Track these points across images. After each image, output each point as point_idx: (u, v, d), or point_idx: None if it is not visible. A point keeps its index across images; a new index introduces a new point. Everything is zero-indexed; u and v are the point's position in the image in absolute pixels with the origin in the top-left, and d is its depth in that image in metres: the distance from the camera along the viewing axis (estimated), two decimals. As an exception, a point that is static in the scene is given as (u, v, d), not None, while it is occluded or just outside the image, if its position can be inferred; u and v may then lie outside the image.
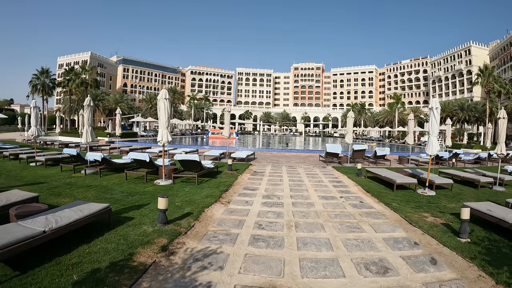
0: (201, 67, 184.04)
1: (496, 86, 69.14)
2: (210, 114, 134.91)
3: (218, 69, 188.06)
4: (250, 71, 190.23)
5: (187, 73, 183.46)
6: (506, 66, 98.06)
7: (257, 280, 5.50)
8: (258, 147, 41.50)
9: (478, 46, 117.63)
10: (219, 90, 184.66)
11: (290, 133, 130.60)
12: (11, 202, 7.93)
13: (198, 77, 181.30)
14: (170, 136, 13.78)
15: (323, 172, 19.11)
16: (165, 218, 8.00)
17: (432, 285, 5.47)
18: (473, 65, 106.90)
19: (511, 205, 10.18)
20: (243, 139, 71.14)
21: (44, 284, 4.86)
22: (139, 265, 5.76)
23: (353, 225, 8.87)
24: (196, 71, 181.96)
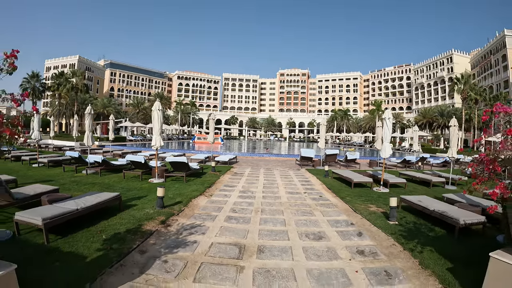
0: (188, 72, 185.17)
1: (471, 93, 72.50)
2: (197, 119, 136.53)
3: (205, 74, 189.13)
4: (236, 77, 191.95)
5: (174, 78, 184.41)
6: (487, 73, 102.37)
7: (228, 240, 8.08)
8: (241, 152, 43.93)
9: (460, 54, 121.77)
10: (206, 95, 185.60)
11: (275, 139, 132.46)
12: (40, 192, 10.23)
13: (185, 82, 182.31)
14: (162, 141, 16.28)
15: (295, 174, 21.69)
16: (162, 203, 10.55)
17: (351, 247, 7.92)
18: (455, 73, 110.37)
19: (446, 199, 12.34)
20: (228, 144, 73.61)
21: (83, 241, 7.24)
22: (146, 231, 8.30)
23: (307, 211, 11.42)
24: (183, 76, 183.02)
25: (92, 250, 6.77)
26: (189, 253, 7.05)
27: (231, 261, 6.75)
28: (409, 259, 7.08)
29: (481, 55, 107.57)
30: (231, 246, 7.68)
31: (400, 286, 5.87)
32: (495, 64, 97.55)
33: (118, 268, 6.07)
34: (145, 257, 6.67)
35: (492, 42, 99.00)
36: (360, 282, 6.02)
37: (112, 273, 5.85)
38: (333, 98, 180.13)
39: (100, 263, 6.17)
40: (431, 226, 9.65)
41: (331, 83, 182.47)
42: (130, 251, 6.90)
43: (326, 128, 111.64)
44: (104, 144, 42.03)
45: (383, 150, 16.01)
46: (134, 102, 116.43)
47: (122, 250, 6.87)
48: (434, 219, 9.98)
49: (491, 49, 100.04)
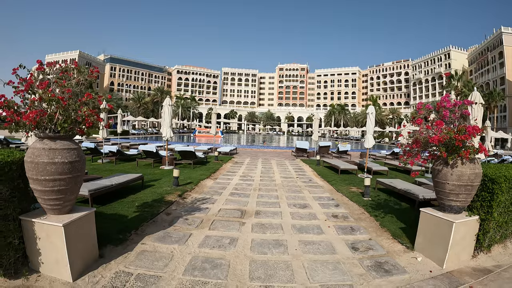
0: (188, 66, 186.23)
1: (465, 90, 74.25)
2: (196, 113, 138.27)
3: (204, 68, 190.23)
4: (235, 71, 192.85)
5: (173, 72, 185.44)
6: (483, 70, 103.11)
7: (232, 207, 10.38)
8: (241, 144, 46.08)
9: (457, 50, 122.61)
10: (205, 89, 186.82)
11: (273, 133, 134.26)
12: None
13: (185, 77, 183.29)
14: (172, 133, 18.47)
15: (290, 163, 23.98)
16: (177, 182, 12.82)
17: (328, 213, 10.13)
18: (452, 69, 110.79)
19: (417, 182, 14.26)
20: (228, 137, 75.77)
21: (119, 208, 9.37)
22: (168, 201, 10.55)
23: (297, 190, 13.68)
24: (182, 70, 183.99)
25: (130, 212, 8.96)
26: (203, 214, 9.33)
27: (235, 219, 9.02)
28: (372, 222, 9.23)
29: (478, 51, 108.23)
30: (235, 210, 9.98)
31: (359, 236, 8.03)
32: (491, 61, 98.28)
33: (152, 223, 8.29)
34: (170, 217, 8.92)
35: (489, 39, 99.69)
36: (330, 231, 8.26)
37: (149, 225, 8.05)
38: (331, 92, 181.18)
39: (139, 219, 8.36)
40: (399, 202, 11.63)
41: (330, 78, 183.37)
42: (159, 213, 9.15)
43: (324, 123, 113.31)
44: (110, 137, 43.87)
45: (366, 141, 18.04)
46: (135, 96, 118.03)
47: (152, 212, 9.09)
48: (402, 197, 12.01)
49: (488, 46, 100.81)
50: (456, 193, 6.09)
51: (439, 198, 6.54)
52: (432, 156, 6.38)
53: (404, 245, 7.28)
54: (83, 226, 5.67)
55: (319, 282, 5.50)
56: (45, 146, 4.99)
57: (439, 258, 6.32)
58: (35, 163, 4.93)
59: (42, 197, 5.17)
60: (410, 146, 6.55)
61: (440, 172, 6.20)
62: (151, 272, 5.64)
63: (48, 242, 5.21)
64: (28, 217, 5.27)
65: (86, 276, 5.36)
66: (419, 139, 6.34)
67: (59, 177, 5.01)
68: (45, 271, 5.30)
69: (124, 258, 6.13)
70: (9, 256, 5.07)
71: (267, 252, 6.75)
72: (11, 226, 5.09)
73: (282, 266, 6.05)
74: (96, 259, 5.97)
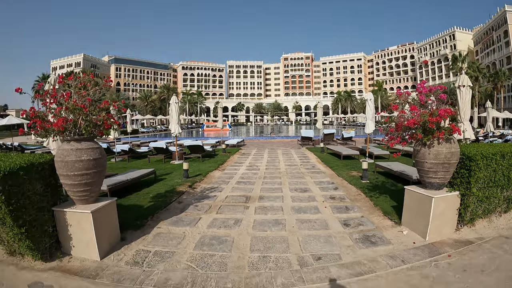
0: (192, 62, 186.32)
1: (470, 71, 73.67)
2: (204, 108, 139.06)
3: (209, 63, 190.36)
4: (240, 64, 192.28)
5: (178, 69, 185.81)
6: (489, 50, 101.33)
7: (238, 194, 11.38)
8: (248, 136, 47.03)
9: (462, 31, 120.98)
10: (211, 83, 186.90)
11: (281, 123, 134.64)
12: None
13: (190, 72, 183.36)
14: (180, 129, 19.47)
15: (296, 152, 24.91)
16: (187, 175, 13.81)
17: (326, 195, 11.02)
18: (458, 50, 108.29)
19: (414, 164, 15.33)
20: (236, 130, 76.79)
21: (135, 199, 10.35)
22: (179, 191, 11.56)
23: (300, 176, 14.60)
24: (187, 66, 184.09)
25: (145, 202, 9.97)
26: (211, 201, 10.34)
27: (240, 204, 10.02)
28: (367, 202, 10.07)
29: (483, 31, 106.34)
30: (240, 196, 10.97)
31: (352, 214, 8.92)
32: (497, 40, 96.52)
33: (166, 210, 9.31)
34: (182, 204, 9.94)
35: (494, 18, 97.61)
36: (326, 211, 9.17)
37: (163, 213, 9.06)
38: (337, 80, 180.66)
39: (153, 208, 9.36)
40: (395, 183, 12.31)
41: (335, 65, 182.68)
42: (171, 201, 10.16)
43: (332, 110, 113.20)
44: (120, 137, 44.73)
45: (366, 127, 18.72)
46: (142, 95, 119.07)
47: (165, 201, 10.10)
48: (399, 179, 12.67)
49: (493, 25, 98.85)
50: (434, 171, 6.79)
51: (420, 176, 7.28)
52: (411, 138, 7.07)
53: (393, 221, 8.06)
54: (107, 213, 6.70)
55: (310, 252, 6.40)
56: (73, 147, 5.98)
57: (422, 231, 7.03)
58: (65, 162, 5.92)
59: (72, 190, 6.18)
60: (392, 129, 7.38)
61: (419, 152, 6.92)
62: (166, 249, 6.65)
63: (79, 227, 6.22)
64: (59, 208, 6.31)
65: (111, 255, 6.37)
66: (398, 122, 7.16)
67: (86, 172, 6.01)
68: (76, 253, 6.32)
69: (143, 240, 7.14)
70: (45, 242, 6.11)
71: (267, 230, 7.70)
72: (46, 216, 6.13)
73: (279, 240, 6.99)
74: (118, 241, 6.99)
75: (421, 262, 5.86)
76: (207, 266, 5.90)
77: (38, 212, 5.95)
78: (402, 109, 7.27)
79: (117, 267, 5.94)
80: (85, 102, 6.17)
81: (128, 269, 5.85)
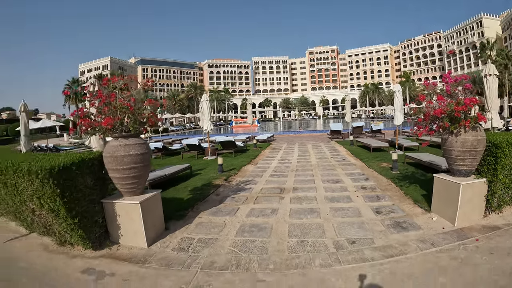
0: (218, 60, 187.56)
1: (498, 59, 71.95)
2: (231, 105, 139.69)
3: (234, 60, 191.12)
4: (266, 60, 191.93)
5: (204, 67, 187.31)
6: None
7: (272, 186, 11.76)
8: (277, 131, 47.35)
9: (489, 17, 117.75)
10: (237, 80, 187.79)
11: (309, 117, 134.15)
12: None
13: (216, 70, 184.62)
14: (212, 126, 19.99)
15: (325, 145, 25.13)
16: (222, 169, 14.28)
17: (358, 186, 11.27)
18: (485, 37, 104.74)
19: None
20: (264, 125, 77.19)
21: (175, 193, 10.83)
22: (215, 184, 12.03)
23: (331, 168, 14.85)
24: (213, 64, 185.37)
25: (184, 195, 10.46)
26: (247, 193, 10.75)
27: (275, 195, 10.39)
28: (398, 191, 10.25)
29: (510, 17, 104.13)
30: (275, 188, 11.33)
31: (384, 202, 9.15)
32: None
33: (204, 202, 9.77)
34: (219, 196, 10.38)
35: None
36: (358, 200, 9.45)
37: (202, 204, 9.53)
38: (364, 72, 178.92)
39: (193, 200, 9.85)
40: (425, 173, 12.34)
41: (361, 57, 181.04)
42: (209, 194, 10.64)
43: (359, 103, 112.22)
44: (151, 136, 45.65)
45: (395, 118, 18.79)
46: (169, 94, 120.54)
47: (203, 194, 10.58)
48: (429, 169, 12.66)
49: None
50: (461, 158, 6.95)
51: (449, 164, 7.46)
52: (438, 127, 7.26)
53: (423, 208, 8.26)
54: (153, 203, 7.18)
55: (345, 236, 6.72)
56: (121, 143, 6.45)
57: (451, 217, 7.21)
58: (114, 157, 6.39)
59: (121, 183, 6.66)
60: (420, 119, 7.63)
61: (447, 140, 7.08)
62: (209, 236, 7.08)
63: (127, 217, 6.72)
64: (108, 200, 6.82)
65: (157, 243, 6.84)
66: (426, 112, 7.40)
67: (134, 166, 6.48)
68: (124, 241, 6.83)
69: (186, 229, 7.59)
70: (95, 232, 6.64)
71: (303, 218, 8.05)
72: (96, 208, 6.65)
73: (315, 227, 7.33)
74: (163, 230, 7.46)
75: (449, 245, 6.07)
76: (249, 250, 6.28)
77: (89, 204, 6.47)
78: (430, 99, 7.46)
79: (164, 253, 6.38)
80: (130, 101, 6.64)
81: (175, 254, 6.29)
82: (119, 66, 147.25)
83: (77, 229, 6.16)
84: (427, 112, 7.27)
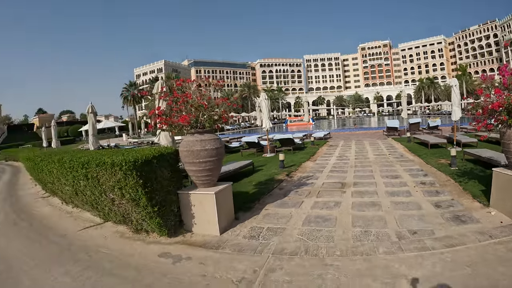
0: (269, 59, 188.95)
1: None
2: (284, 104, 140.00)
3: (286, 59, 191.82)
4: (317, 57, 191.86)
5: (256, 67, 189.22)
6: None
7: (333, 181, 12.09)
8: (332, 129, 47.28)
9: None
10: (290, 79, 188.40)
11: (363, 115, 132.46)
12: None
13: (268, 69, 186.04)
14: (270, 124, 20.49)
15: (382, 142, 25.02)
16: (283, 165, 14.76)
17: (417, 181, 11.35)
18: None
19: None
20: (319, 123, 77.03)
21: (240, 187, 11.34)
22: (278, 179, 12.53)
23: (389, 165, 14.95)
24: (265, 63, 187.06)
25: (249, 189, 11.02)
26: (309, 187, 11.18)
27: (337, 189, 10.74)
28: (457, 186, 10.25)
29: None
30: (336, 183, 11.67)
31: (443, 197, 9.24)
32: None
33: (269, 195, 10.28)
34: (283, 191, 10.87)
35: None
36: (417, 195, 9.61)
37: (267, 197, 10.05)
38: (418, 66, 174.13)
39: (258, 194, 10.39)
40: (484, 169, 12.14)
41: (415, 51, 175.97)
42: (273, 188, 11.16)
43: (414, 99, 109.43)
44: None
45: (453, 113, 18.54)
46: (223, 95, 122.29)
47: (268, 188, 11.10)
48: (488, 165, 12.37)
49: None
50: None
51: (507, 158, 7.44)
52: (497, 121, 7.28)
53: (482, 203, 8.29)
54: (225, 194, 7.75)
55: (406, 228, 6.97)
56: (197, 139, 7.05)
57: (509, 211, 7.17)
58: (191, 151, 6.99)
59: (196, 175, 7.27)
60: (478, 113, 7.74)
61: (505, 134, 7.09)
62: (277, 226, 7.55)
63: (201, 207, 7.31)
64: (184, 191, 7.45)
65: (228, 231, 7.39)
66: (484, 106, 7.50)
67: (209, 159, 7.06)
68: (197, 230, 7.44)
69: (254, 219, 8.11)
70: (171, 220, 7.28)
71: (365, 210, 8.36)
72: (173, 198, 7.28)
73: (377, 218, 7.63)
74: (233, 220, 8.01)
75: (507, 238, 6.16)
76: (316, 239, 6.67)
77: (167, 195, 7.10)
78: (488, 93, 7.50)
79: (236, 240, 6.90)
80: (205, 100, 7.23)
81: (246, 241, 6.79)
82: (173, 69, 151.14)
83: (155, 217, 6.78)
84: (485, 106, 7.30)
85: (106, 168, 6.70)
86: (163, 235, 7.21)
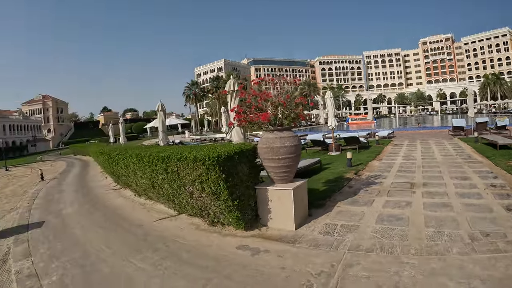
0: (329, 56, 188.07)
1: None
2: (345, 102, 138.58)
3: (345, 56, 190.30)
4: (377, 53, 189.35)
5: (315, 64, 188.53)
6: None
7: (402, 180, 12.12)
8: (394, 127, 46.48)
9: None
10: (350, 76, 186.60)
11: (426, 113, 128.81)
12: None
13: (327, 67, 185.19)
14: (336, 122, 20.64)
15: (448, 142, 24.41)
16: (351, 164, 14.92)
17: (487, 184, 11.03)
18: None
19: None
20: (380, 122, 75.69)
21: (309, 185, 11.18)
22: (347, 178, 12.75)
23: (457, 166, 14.68)
24: (324, 61, 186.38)
25: (319, 187, 11.33)
26: (379, 186, 11.29)
27: (407, 189, 10.80)
28: None
29: None
30: (405, 183, 11.69)
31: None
32: None
33: (339, 193, 10.53)
34: (352, 189, 11.07)
35: None
36: (488, 197, 9.44)
37: (337, 195, 10.30)
38: (483, 61, 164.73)
39: (328, 191, 10.68)
40: None
41: (479, 45, 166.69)
42: (343, 186, 11.40)
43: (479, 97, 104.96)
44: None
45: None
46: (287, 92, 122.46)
47: (337, 186, 11.35)
48: None
49: None
50: None
51: None
52: None
53: None
54: (301, 190, 8.11)
55: (479, 230, 6.97)
56: (276, 136, 7.42)
57: None
58: (270, 148, 7.37)
59: (275, 171, 7.65)
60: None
61: None
62: (350, 223, 7.79)
63: (278, 202, 7.65)
64: (261, 186, 7.85)
65: (303, 227, 7.70)
66: None
67: (288, 156, 7.41)
68: (273, 224, 7.78)
69: (327, 216, 8.39)
70: (248, 214, 7.69)
71: (437, 211, 8.41)
72: (251, 192, 7.69)
73: (450, 219, 7.68)
74: (307, 217, 8.32)
75: None
76: (390, 237, 6.86)
77: (246, 190, 7.51)
78: None
79: (311, 235, 7.20)
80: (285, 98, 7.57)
81: (322, 237, 7.07)
82: (233, 68, 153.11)
83: (234, 210, 7.21)
84: None
85: (188, 162, 7.21)
86: (239, 228, 7.59)
